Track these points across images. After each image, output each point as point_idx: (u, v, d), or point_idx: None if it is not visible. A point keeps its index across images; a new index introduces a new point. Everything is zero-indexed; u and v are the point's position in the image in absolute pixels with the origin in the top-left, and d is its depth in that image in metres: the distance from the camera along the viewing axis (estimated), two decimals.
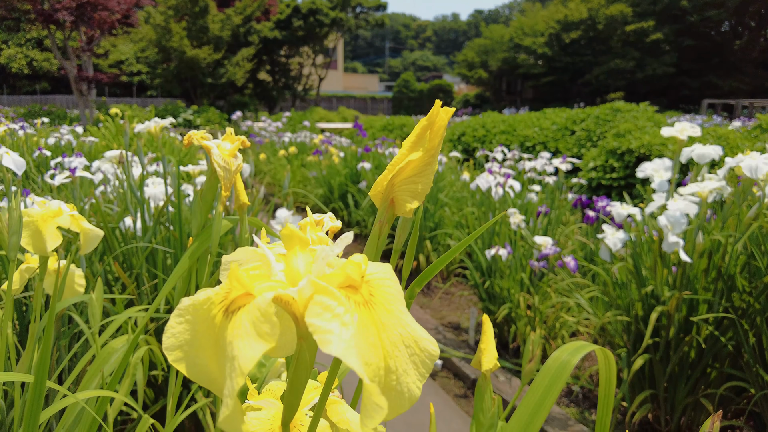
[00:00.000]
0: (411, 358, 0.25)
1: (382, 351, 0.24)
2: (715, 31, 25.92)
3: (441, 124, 0.31)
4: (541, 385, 0.56)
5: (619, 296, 2.13)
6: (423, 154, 0.31)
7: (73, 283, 1.00)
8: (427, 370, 0.26)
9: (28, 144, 5.45)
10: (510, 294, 2.81)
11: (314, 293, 0.24)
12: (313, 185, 6.67)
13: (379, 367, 0.24)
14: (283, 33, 22.54)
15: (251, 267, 0.27)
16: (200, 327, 0.26)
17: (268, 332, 0.23)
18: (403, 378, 0.25)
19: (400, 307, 0.26)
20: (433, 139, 0.31)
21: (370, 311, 0.25)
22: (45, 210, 0.90)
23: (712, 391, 1.91)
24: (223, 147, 0.71)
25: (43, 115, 14.62)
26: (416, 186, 0.32)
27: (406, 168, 0.31)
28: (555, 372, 0.56)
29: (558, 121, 7.10)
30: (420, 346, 0.26)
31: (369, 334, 0.24)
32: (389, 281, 0.27)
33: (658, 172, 2.01)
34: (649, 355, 1.97)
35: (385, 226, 0.34)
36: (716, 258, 1.76)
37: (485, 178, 2.91)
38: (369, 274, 0.27)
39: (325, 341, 0.22)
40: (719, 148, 1.97)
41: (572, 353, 0.58)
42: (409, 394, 0.25)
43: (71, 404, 0.78)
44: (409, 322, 0.26)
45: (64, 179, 2.12)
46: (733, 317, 1.72)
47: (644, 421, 2.22)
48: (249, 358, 0.22)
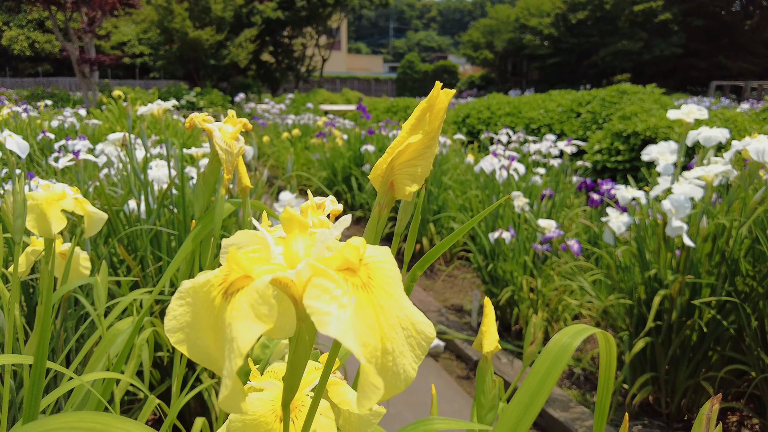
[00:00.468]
0: (408, 341, 0.26)
1: (380, 333, 0.24)
2: (726, 10, 25.40)
3: (441, 106, 0.31)
4: (541, 367, 0.56)
5: (622, 279, 2.14)
6: (423, 137, 0.31)
7: (78, 265, 1.01)
8: (422, 351, 0.26)
9: (32, 127, 5.45)
10: (513, 277, 2.82)
11: (312, 275, 0.24)
12: (316, 168, 6.66)
13: (376, 348, 0.24)
14: (286, 13, 22.27)
15: (250, 250, 0.28)
16: (200, 309, 0.26)
17: (266, 314, 0.23)
18: (400, 359, 0.25)
19: (398, 290, 0.27)
20: (433, 121, 0.31)
21: (368, 293, 0.25)
22: (49, 193, 0.91)
23: (713, 374, 1.92)
24: (225, 130, 0.70)
25: (46, 98, 14.58)
26: (416, 169, 0.32)
27: (406, 151, 0.31)
28: (556, 355, 0.56)
29: (563, 103, 7.03)
30: (417, 328, 0.26)
31: (367, 315, 0.24)
32: (388, 264, 0.27)
33: (663, 155, 1.99)
34: (650, 338, 1.97)
35: (385, 210, 0.34)
36: (720, 242, 1.76)
37: (489, 161, 2.90)
38: (367, 257, 0.27)
39: (322, 323, 0.22)
40: (726, 131, 1.95)
41: (573, 336, 0.59)
42: (405, 375, 0.25)
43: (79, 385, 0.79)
44: (407, 305, 0.26)
45: (68, 162, 2.12)
46: (736, 301, 1.72)
47: (645, 403, 2.24)
48: (247, 340, 0.23)
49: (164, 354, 1.53)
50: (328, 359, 0.34)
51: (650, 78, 24.56)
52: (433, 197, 4.26)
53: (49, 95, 14.96)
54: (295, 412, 0.39)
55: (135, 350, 0.92)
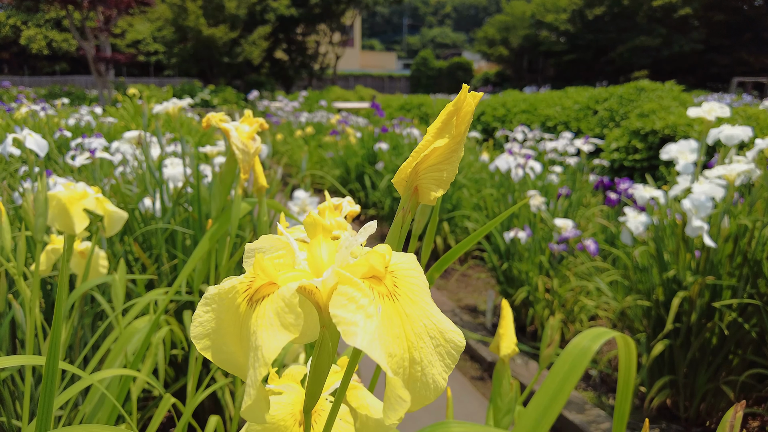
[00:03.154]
0: (436, 350, 0.25)
1: (407, 342, 0.23)
2: (748, 5, 24.83)
3: (468, 109, 0.30)
4: (560, 371, 0.55)
5: (639, 280, 2.10)
6: (449, 141, 0.30)
7: (97, 264, 1.02)
8: (453, 361, 0.25)
9: (50, 125, 5.53)
10: (528, 277, 2.79)
11: (338, 283, 0.24)
12: (330, 166, 6.67)
13: (403, 359, 0.23)
14: (300, 10, 22.31)
15: (275, 256, 0.27)
16: (225, 316, 0.26)
17: (293, 323, 0.22)
18: (428, 369, 0.24)
19: (425, 298, 0.26)
20: (459, 125, 0.30)
21: (395, 302, 0.24)
22: (72, 192, 0.91)
23: (734, 377, 1.88)
24: (242, 129, 0.70)
25: (63, 96, 14.81)
26: (441, 174, 0.31)
27: (431, 155, 0.30)
28: (575, 358, 0.55)
29: (580, 101, 6.95)
30: (446, 337, 0.25)
31: (393, 325, 0.23)
32: (414, 271, 0.26)
33: (683, 153, 1.96)
34: (669, 340, 1.94)
35: (409, 215, 0.33)
36: (742, 243, 1.72)
37: (505, 159, 2.87)
38: (393, 264, 0.26)
39: (349, 333, 0.22)
40: (749, 129, 1.90)
41: (593, 339, 0.57)
42: (435, 386, 0.24)
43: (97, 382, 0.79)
44: (435, 313, 0.26)
45: (85, 160, 2.15)
46: (758, 304, 1.68)
47: (662, 406, 2.21)
48: (273, 349, 0.22)
49: (179, 352, 1.54)
50: (349, 364, 0.34)
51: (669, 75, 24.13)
52: (447, 196, 4.23)
53: (66, 93, 15.19)
54: (315, 417, 0.39)
55: (151, 349, 0.92)
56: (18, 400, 1.29)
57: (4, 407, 1.27)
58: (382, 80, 34.71)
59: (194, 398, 0.71)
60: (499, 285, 3.07)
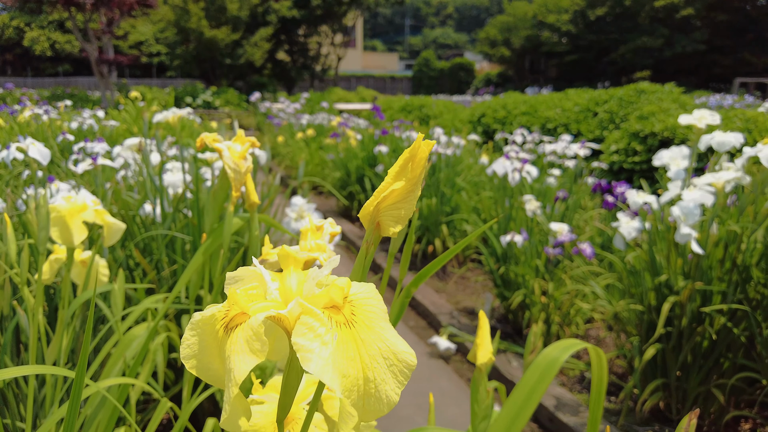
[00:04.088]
0: (390, 369, 0.28)
1: (361, 364, 0.27)
2: (751, 5, 24.77)
3: (422, 156, 0.34)
4: (530, 380, 0.58)
5: (632, 285, 2.13)
6: (405, 183, 0.33)
7: (97, 273, 1.05)
8: (405, 377, 0.29)
9: (53, 128, 5.59)
10: (525, 280, 2.82)
11: (301, 313, 0.27)
12: (330, 168, 6.70)
13: (357, 378, 0.27)
14: (302, 12, 22.37)
15: (249, 287, 0.30)
16: (207, 340, 0.29)
17: (259, 349, 0.26)
18: (382, 386, 0.28)
19: (381, 323, 0.29)
20: (414, 169, 0.34)
21: (351, 329, 0.28)
22: (71, 205, 0.95)
23: (724, 381, 1.91)
24: (234, 149, 0.73)
25: (66, 98, 14.89)
26: (399, 212, 0.34)
27: (390, 196, 0.34)
28: (544, 368, 0.59)
29: (580, 103, 6.97)
30: (398, 357, 0.29)
31: (348, 349, 0.27)
32: (372, 300, 0.30)
33: (675, 160, 1.99)
34: (661, 344, 1.97)
35: (372, 246, 0.36)
36: (732, 249, 1.75)
37: (501, 163, 2.90)
38: (353, 294, 0.30)
39: (305, 359, 0.25)
40: (740, 135, 1.93)
41: (563, 350, 0.61)
42: (387, 400, 0.28)
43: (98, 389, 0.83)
44: (389, 337, 0.29)
45: (88, 166, 2.19)
46: (747, 309, 1.71)
47: (656, 409, 2.24)
48: (243, 371, 0.26)
49: (178, 355, 1.58)
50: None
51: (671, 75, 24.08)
52: (446, 199, 4.27)
53: (69, 95, 15.27)
54: (292, 425, 0.42)
55: (150, 355, 0.96)
56: (22, 403, 1.33)
57: (9, 409, 1.31)
58: (384, 81, 34.77)
59: (189, 403, 0.74)
60: (496, 288, 3.10)
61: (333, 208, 6.38)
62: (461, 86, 30.48)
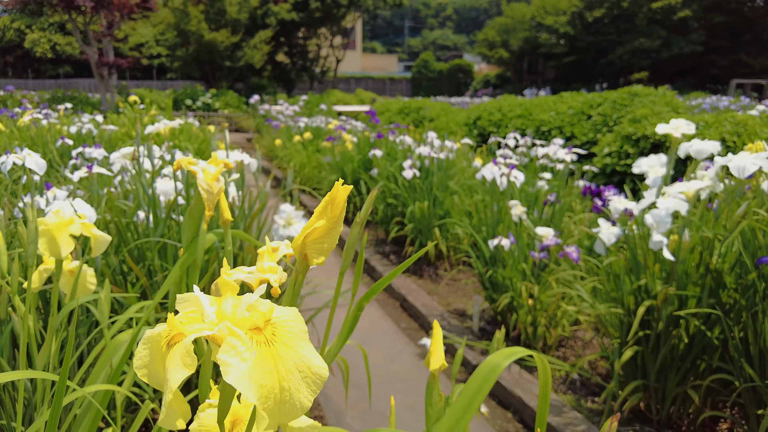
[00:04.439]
0: (304, 380, 0.34)
1: (278, 376, 0.33)
2: (748, 6, 24.83)
3: (340, 199, 0.40)
4: (473, 385, 0.64)
5: (613, 289, 2.19)
6: (326, 222, 0.39)
7: (85, 282, 1.11)
8: (317, 387, 0.35)
9: (52, 133, 5.65)
10: (512, 283, 2.88)
11: (228, 335, 0.33)
12: (327, 171, 6.77)
13: (273, 387, 0.32)
14: (301, 15, 22.46)
15: (190, 310, 0.36)
16: (155, 353, 0.35)
17: (190, 363, 0.32)
18: (296, 394, 0.33)
19: (299, 342, 0.35)
20: (334, 210, 0.40)
21: (270, 347, 0.34)
22: (59, 219, 1.01)
23: (700, 382, 1.97)
24: (208, 171, 0.79)
25: (67, 101, 14.95)
26: (322, 245, 0.40)
27: (314, 232, 0.40)
28: (486, 375, 0.64)
29: (574, 106, 7.03)
30: (312, 371, 0.34)
31: (266, 363, 0.33)
32: (292, 322, 0.36)
33: (653, 168, 2.04)
34: (639, 347, 2.03)
35: (300, 276, 0.42)
36: (705, 255, 1.81)
37: (490, 169, 2.96)
38: (275, 317, 0.35)
39: (226, 372, 0.31)
40: (717, 143, 1.99)
41: (506, 357, 0.66)
42: (301, 405, 0.34)
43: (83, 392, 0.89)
44: (305, 353, 0.35)
45: (83, 174, 2.25)
46: (717, 313, 1.77)
47: (637, 409, 2.29)
48: (176, 382, 0.32)
49: None
50: None
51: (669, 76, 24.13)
52: (439, 202, 4.32)
53: (69, 98, 15.33)
54: (240, 426, 0.48)
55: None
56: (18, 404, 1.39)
57: (4, 410, 1.37)
58: (383, 82, 34.85)
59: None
60: (485, 291, 3.16)
61: None
62: (460, 87, 30.58)
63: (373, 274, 4.38)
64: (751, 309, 1.78)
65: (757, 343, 1.76)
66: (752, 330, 1.77)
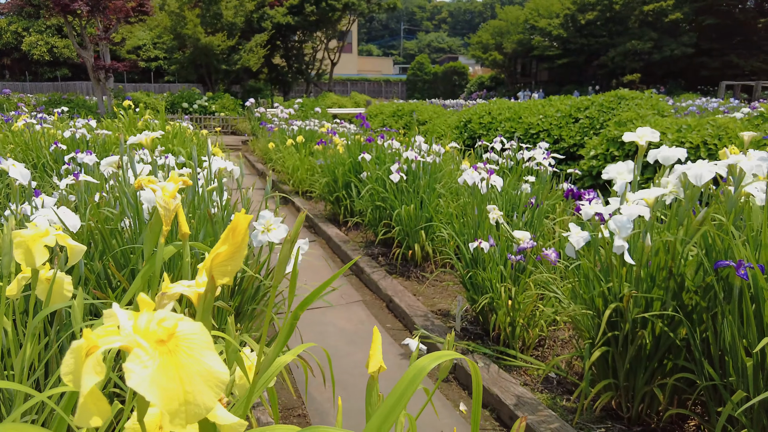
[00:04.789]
0: (206, 384, 0.40)
1: (180, 380, 0.39)
2: (739, 8, 25.00)
3: (241, 228, 0.46)
4: (401, 386, 0.70)
5: (584, 291, 2.26)
6: (229, 248, 0.46)
7: (61, 289, 1.17)
8: (220, 390, 0.41)
9: (46, 137, 5.70)
10: (492, 284, 2.95)
11: (135, 346, 0.39)
12: (319, 174, 6.83)
13: (177, 391, 0.39)
14: (296, 18, 22.54)
15: (109, 324, 0.43)
16: (77, 361, 0.42)
17: (100, 371, 0.38)
18: (199, 397, 0.40)
19: (201, 351, 0.41)
20: (236, 237, 0.46)
21: (173, 356, 0.40)
22: (35, 231, 1.07)
23: (666, 381, 2.04)
24: (167, 188, 0.86)
25: (63, 104, 14.97)
26: (226, 268, 0.47)
27: (218, 256, 0.46)
28: (413, 376, 0.70)
29: (562, 109, 7.12)
30: (213, 375, 0.41)
31: (169, 370, 0.39)
32: (196, 335, 0.42)
33: (621, 174, 2.11)
34: (607, 347, 2.10)
35: (209, 294, 0.48)
36: (667, 258, 1.88)
37: (470, 174, 3.03)
38: (180, 330, 0.42)
39: (128, 378, 0.38)
40: (683, 150, 2.06)
41: (433, 360, 0.73)
42: (204, 405, 0.40)
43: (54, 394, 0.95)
44: (207, 361, 0.41)
45: (70, 182, 2.31)
46: (674, 315, 1.84)
47: (609, 407, 2.36)
48: (88, 386, 0.38)
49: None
50: None
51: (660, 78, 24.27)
52: (425, 205, 4.39)
53: (66, 101, 15.35)
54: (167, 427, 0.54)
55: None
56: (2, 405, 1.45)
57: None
58: (379, 84, 34.94)
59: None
60: (466, 292, 3.23)
61: (321, 212, 6.50)
62: (455, 90, 30.71)
63: (361, 275, 4.44)
64: (711, 311, 1.85)
65: (717, 344, 1.83)
66: (712, 331, 1.84)
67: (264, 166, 9.90)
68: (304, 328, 3.43)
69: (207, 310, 0.47)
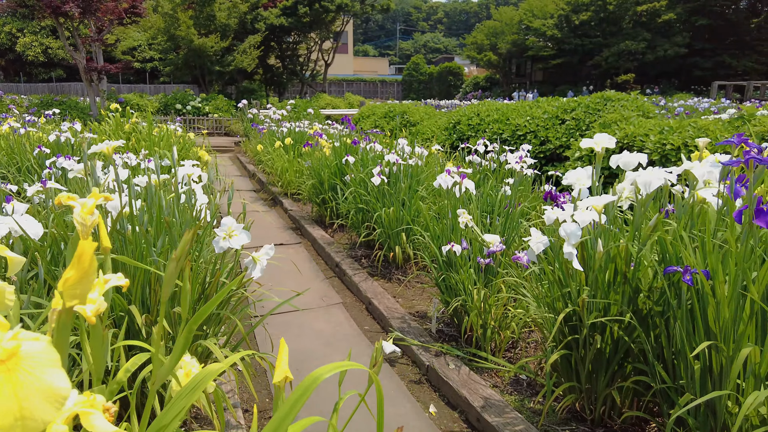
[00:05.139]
0: (46, 399, 0.43)
1: (17, 397, 0.42)
2: (731, 9, 25.12)
3: (87, 255, 0.49)
4: (297, 393, 0.73)
5: (546, 295, 2.29)
6: (76, 273, 0.49)
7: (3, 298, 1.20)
8: (60, 404, 0.44)
9: (30, 141, 5.71)
10: (464, 287, 2.98)
11: None
12: (307, 176, 6.86)
13: (12, 407, 0.42)
14: (290, 20, 22.56)
15: None
16: None
17: None
18: (37, 412, 0.43)
19: (44, 369, 0.44)
20: (82, 263, 0.49)
21: (11, 374, 0.43)
22: None
23: (622, 384, 2.07)
24: (86, 204, 0.89)
25: (56, 106, 14.97)
26: (76, 291, 0.50)
27: (68, 281, 0.49)
28: (306, 386, 0.74)
29: (549, 111, 7.16)
30: (54, 391, 0.44)
31: (5, 388, 0.42)
32: (41, 353, 0.45)
33: (580, 180, 2.15)
34: (567, 351, 2.13)
35: (64, 315, 0.51)
36: (621, 264, 1.91)
37: (443, 178, 3.06)
38: (23, 350, 0.45)
39: None
40: (644, 156, 2.09)
41: (329, 370, 0.76)
42: (42, 419, 0.43)
43: None
44: (48, 378, 0.44)
45: (38, 188, 2.33)
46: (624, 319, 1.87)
47: (573, 409, 2.40)
48: None
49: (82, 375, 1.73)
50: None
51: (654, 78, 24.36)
52: (407, 207, 4.42)
53: (58, 103, 15.34)
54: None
55: None
56: None
57: None
58: (375, 85, 34.97)
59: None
60: (441, 294, 3.26)
61: (309, 214, 6.52)
62: (450, 90, 30.78)
63: (343, 278, 4.47)
64: (665, 315, 1.89)
65: (670, 347, 1.87)
66: (665, 335, 1.87)
67: (255, 167, 9.93)
68: (282, 331, 3.46)
69: (63, 328, 0.50)
